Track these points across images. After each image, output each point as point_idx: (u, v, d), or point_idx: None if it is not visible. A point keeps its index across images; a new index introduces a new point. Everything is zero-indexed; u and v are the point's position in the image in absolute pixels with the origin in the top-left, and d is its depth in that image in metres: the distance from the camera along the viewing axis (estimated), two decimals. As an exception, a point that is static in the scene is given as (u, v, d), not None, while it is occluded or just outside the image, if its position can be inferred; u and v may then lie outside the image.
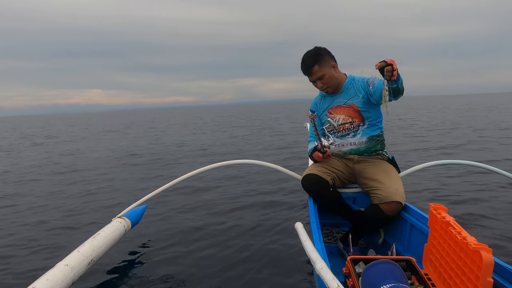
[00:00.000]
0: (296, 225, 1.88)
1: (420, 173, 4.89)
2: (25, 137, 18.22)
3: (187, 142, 11.32)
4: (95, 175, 6.46)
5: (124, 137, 15.03)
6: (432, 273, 1.79)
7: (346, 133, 2.53)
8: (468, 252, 1.42)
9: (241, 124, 20.30)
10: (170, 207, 4.09)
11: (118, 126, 25.20)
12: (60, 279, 1.84)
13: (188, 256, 2.77)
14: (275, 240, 2.99)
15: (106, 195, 4.93)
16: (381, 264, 1.54)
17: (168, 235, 3.24)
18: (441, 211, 1.75)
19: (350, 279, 1.63)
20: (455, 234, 1.52)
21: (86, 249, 2.18)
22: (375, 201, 2.26)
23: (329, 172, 2.47)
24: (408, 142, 8.77)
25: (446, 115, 18.78)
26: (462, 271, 1.48)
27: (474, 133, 10.04)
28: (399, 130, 11.75)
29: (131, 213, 2.83)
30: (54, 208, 4.35)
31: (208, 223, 3.50)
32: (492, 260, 1.33)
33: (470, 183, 4.48)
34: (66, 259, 2.01)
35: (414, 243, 2.17)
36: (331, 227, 2.76)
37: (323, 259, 1.42)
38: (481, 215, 3.32)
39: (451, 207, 3.44)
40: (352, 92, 2.49)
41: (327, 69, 2.42)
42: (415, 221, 2.14)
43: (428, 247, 1.85)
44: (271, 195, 4.41)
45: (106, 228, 2.51)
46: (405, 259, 1.72)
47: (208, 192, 4.74)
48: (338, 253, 2.45)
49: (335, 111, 2.55)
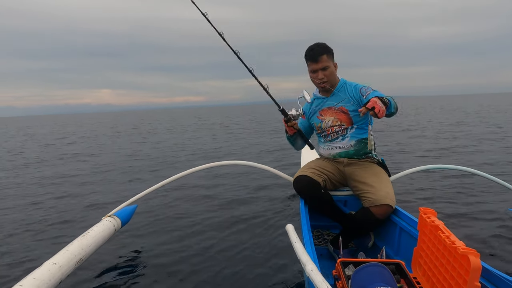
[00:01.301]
0: (287, 227, 1.88)
1: (411, 176, 4.94)
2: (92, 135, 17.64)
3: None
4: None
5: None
6: (421, 276, 1.80)
7: (335, 137, 2.55)
8: (457, 256, 1.43)
9: (251, 126, 20.24)
10: (160, 207, 4.07)
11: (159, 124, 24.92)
12: (47, 277, 1.81)
13: (177, 256, 2.76)
14: (266, 241, 2.99)
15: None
16: (370, 267, 1.55)
17: (157, 234, 3.23)
18: (431, 215, 1.77)
19: (340, 281, 1.64)
20: (444, 238, 1.54)
21: (75, 247, 2.15)
22: (366, 204, 2.27)
23: (320, 174, 2.47)
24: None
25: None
26: (450, 275, 1.50)
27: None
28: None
29: (121, 212, 2.80)
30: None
31: (198, 223, 3.49)
32: (480, 264, 1.35)
33: (460, 187, 4.53)
34: (54, 258, 1.99)
35: (403, 247, 2.18)
36: (322, 229, 2.77)
37: (313, 262, 1.42)
38: (470, 220, 3.35)
39: (441, 211, 3.47)
40: (343, 95, 2.50)
41: (332, 63, 2.46)
42: (404, 225, 2.15)
43: (417, 250, 1.86)
44: (263, 197, 4.41)
45: (95, 227, 2.49)
46: (394, 262, 1.73)
47: (198, 192, 4.72)
48: (329, 256, 2.45)
49: (326, 113, 2.56)
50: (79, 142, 13.55)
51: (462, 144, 8.30)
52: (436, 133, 11.10)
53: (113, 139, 14.49)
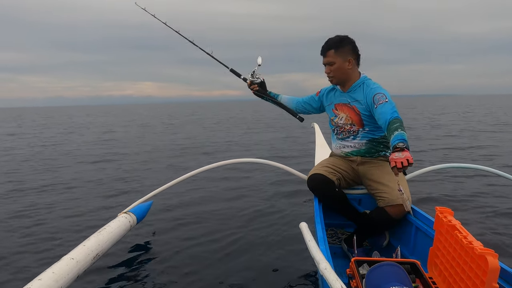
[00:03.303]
0: (301, 225, 1.87)
1: (427, 175, 4.86)
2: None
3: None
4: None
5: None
6: (437, 276, 1.77)
7: (346, 136, 2.51)
8: (474, 256, 1.41)
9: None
10: (176, 203, 4.11)
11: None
12: (65, 272, 1.86)
13: (192, 253, 2.78)
14: (280, 239, 3.00)
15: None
16: (385, 266, 1.53)
17: (173, 231, 3.26)
18: (447, 214, 1.74)
19: (354, 280, 1.63)
20: (461, 238, 1.51)
21: (92, 243, 2.20)
22: (381, 203, 2.25)
23: (334, 172, 2.46)
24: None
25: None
26: (467, 275, 1.47)
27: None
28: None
29: (136, 209, 2.85)
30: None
31: (212, 220, 3.51)
32: (498, 265, 1.32)
33: (478, 187, 4.44)
34: (71, 253, 2.03)
35: (419, 246, 2.16)
36: (336, 228, 2.75)
37: (327, 260, 1.42)
38: (488, 220, 3.29)
39: (458, 211, 3.41)
40: (358, 95, 2.41)
41: (340, 60, 2.36)
42: (420, 224, 2.12)
43: (433, 250, 1.84)
44: (277, 194, 4.41)
45: (111, 223, 2.53)
46: (409, 262, 1.71)
47: (213, 190, 4.75)
48: (342, 254, 2.44)
49: (341, 108, 2.52)
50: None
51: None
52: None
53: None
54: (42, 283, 1.70)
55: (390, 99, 2.23)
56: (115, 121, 24.28)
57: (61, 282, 1.79)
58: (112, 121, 24.39)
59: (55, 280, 1.77)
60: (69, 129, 17.34)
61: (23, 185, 5.40)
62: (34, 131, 16.75)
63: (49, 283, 1.73)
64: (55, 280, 1.77)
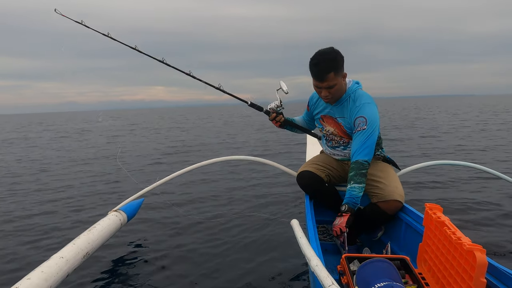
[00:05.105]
0: (292, 222, 1.88)
1: (418, 172, 4.91)
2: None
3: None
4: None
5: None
6: (426, 272, 1.79)
7: (336, 145, 2.47)
8: (462, 252, 1.43)
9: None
10: (166, 201, 4.09)
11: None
12: (55, 271, 1.83)
13: (183, 251, 2.77)
14: (271, 236, 3.00)
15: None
16: (375, 263, 1.55)
17: (164, 229, 3.25)
18: (437, 211, 1.76)
19: (345, 276, 1.64)
20: (450, 234, 1.53)
21: (82, 242, 2.17)
22: (374, 199, 2.26)
23: (323, 169, 2.46)
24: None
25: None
26: (455, 271, 1.49)
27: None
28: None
29: (127, 207, 2.82)
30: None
31: (204, 217, 3.50)
32: (486, 260, 1.34)
33: (468, 184, 4.50)
34: (61, 252, 2.01)
35: (409, 242, 2.18)
36: (327, 224, 2.76)
37: (318, 257, 1.42)
38: (476, 216, 3.33)
39: (447, 207, 3.45)
40: (344, 111, 2.28)
41: (339, 79, 2.15)
42: (410, 220, 2.14)
43: (423, 246, 1.86)
44: (268, 192, 4.41)
45: (102, 221, 2.51)
46: (399, 258, 1.73)
47: (204, 187, 4.74)
48: (333, 251, 2.45)
49: (327, 121, 2.44)
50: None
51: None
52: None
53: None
54: (31, 282, 1.68)
55: (371, 124, 2.15)
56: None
57: (50, 281, 1.77)
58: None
59: (44, 279, 1.75)
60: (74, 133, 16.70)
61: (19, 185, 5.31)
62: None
63: (38, 282, 1.70)
64: (45, 279, 1.75)
